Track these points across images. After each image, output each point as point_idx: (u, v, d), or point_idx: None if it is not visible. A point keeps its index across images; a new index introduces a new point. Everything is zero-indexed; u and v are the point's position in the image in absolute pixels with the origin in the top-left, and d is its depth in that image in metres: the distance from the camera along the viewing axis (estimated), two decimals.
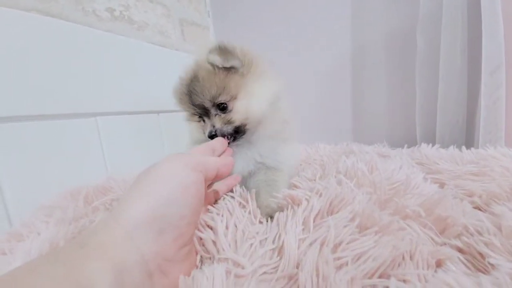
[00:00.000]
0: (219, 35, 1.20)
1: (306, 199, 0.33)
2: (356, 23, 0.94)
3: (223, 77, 0.40)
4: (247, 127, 0.42)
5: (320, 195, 0.33)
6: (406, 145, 0.70)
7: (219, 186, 0.39)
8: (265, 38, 1.10)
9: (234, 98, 0.40)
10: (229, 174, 0.36)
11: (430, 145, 0.62)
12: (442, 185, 0.42)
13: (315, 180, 0.43)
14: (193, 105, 0.42)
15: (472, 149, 0.54)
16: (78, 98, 0.62)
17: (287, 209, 0.33)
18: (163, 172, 0.25)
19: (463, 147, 0.55)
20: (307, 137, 0.85)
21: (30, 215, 0.40)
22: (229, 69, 0.41)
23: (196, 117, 0.45)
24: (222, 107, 0.41)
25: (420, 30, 0.78)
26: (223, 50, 0.39)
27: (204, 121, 0.43)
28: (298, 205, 0.33)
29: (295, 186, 0.40)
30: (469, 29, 0.72)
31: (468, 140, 0.76)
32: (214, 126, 0.40)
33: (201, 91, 0.40)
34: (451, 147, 0.58)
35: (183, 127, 0.50)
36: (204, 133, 0.42)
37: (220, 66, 0.40)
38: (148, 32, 0.87)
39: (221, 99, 0.40)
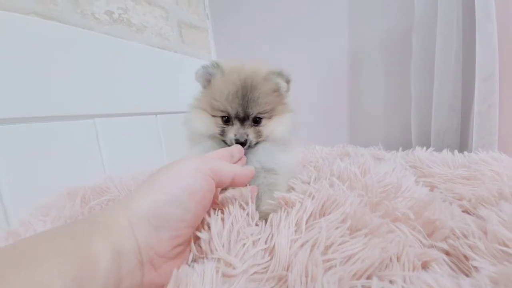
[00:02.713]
0: (218, 37, 1.21)
1: (300, 201, 0.34)
2: (352, 26, 0.95)
3: (275, 98, 0.45)
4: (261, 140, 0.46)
5: (313, 197, 0.34)
6: (401, 148, 0.70)
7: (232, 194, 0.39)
8: (263, 41, 1.11)
9: (270, 117, 0.45)
10: None
11: (424, 148, 0.63)
12: (432, 188, 0.42)
13: (309, 183, 0.43)
14: (239, 107, 0.43)
15: (465, 152, 0.54)
16: (77, 100, 0.63)
17: (281, 211, 0.33)
18: (174, 173, 0.26)
19: (456, 151, 0.55)
20: (303, 139, 0.86)
21: (27, 214, 0.40)
22: (281, 94, 0.46)
23: (219, 113, 0.44)
24: (257, 120, 0.44)
25: (415, 35, 0.79)
26: (287, 79, 0.46)
27: (227, 122, 0.44)
28: (292, 207, 0.33)
29: (293, 188, 0.41)
30: (464, 35, 0.72)
31: (462, 144, 0.77)
32: (247, 135, 0.43)
33: (256, 103, 0.43)
34: (444, 150, 0.59)
35: (181, 129, 0.51)
36: (224, 133, 0.44)
37: (282, 91, 0.46)
38: (147, 35, 0.88)
39: (264, 115, 0.44)
